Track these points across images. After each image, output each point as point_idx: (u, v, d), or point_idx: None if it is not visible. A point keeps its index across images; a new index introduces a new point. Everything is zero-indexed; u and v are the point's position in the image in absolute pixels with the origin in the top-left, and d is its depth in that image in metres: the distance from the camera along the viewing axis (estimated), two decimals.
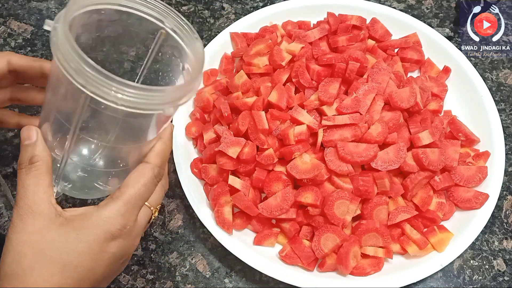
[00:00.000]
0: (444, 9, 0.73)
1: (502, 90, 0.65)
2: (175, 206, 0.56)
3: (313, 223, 0.49)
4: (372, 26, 0.63)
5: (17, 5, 0.71)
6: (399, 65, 0.60)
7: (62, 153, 0.38)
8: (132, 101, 0.32)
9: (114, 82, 0.31)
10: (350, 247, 0.47)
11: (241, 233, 0.52)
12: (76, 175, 0.42)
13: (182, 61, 0.41)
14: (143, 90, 0.32)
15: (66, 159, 0.39)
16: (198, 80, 0.37)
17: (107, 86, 0.31)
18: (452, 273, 0.52)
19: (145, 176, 0.36)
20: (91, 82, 0.31)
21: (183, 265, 0.52)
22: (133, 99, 0.32)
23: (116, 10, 0.38)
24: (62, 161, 0.39)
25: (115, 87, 0.31)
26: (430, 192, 0.51)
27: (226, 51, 0.63)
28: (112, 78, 0.31)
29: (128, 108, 0.32)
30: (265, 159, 0.50)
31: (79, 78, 0.31)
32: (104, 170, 0.42)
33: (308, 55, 0.57)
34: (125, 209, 0.34)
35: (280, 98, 0.53)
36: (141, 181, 0.35)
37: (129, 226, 0.35)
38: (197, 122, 0.57)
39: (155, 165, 0.37)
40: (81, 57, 0.31)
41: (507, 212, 0.56)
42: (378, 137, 0.50)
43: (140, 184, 0.35)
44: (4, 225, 0.53)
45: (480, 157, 0.54)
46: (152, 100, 0.32)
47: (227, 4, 0.73)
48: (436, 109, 0.57)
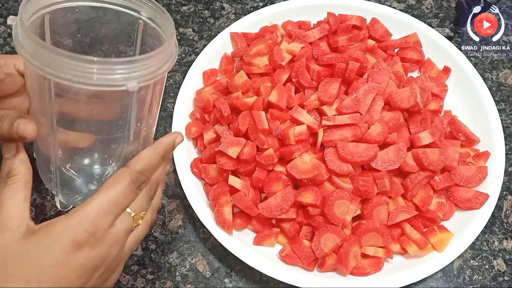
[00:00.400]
0: (444, 9, 0.73)
1: (502, 90, 0.65)
2: (175, 206, 0.56)
3: (313, 223, 0.49)
4: (372, 26, 0.63)
5: (17, 5, 0.71)
6: (399, 65, 0.60)
7: (52, 155, 0.37)
8: (89, 77, 0.30)
9: (66, 58, 0.30)
10: (350, 247, 0.47)
11: (241, 233, 0.52)
12: (75, 183, 0.41)
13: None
14: (100, 63, 0.30)
15: (54, 159, 0.38)
16: (162, 53, 0.34)
17: (61, 64, 0.30)
18: (452, 273, 0.52)
19: (121, 181, 0.33)
20: (46, 63, 0.30)
21: (183, 265, 0.52)
22: (89, 75, 0.30)
23: (91, 6, 0.37)
24: (52, 163, 0.38)
25: (68, 63, 0.30)
26: (430, 192, 0.51)
27: (226, 51, 0.63)
28: (65, 54, 0.30)
29: (86, 85, 0.30)
30: (265, 159, 0.50)
31: (35, 61, 0.30)
32: (99, 170, 0.41)
33: (308, 55, 0.57)
34: (95, 215, 0.32)
35: (280, 98, 0.53)
36: (116, 186, 0.33)
37: (100, 234, 0.32)
38: (197, 122, 0.57)
39: (133, 169, 0.34)
40: (34, 39, 0.30)
41: (507, 212, 0.56)
42: (378, 137, 0.50)
43: (115, 189, 0.33)
44: None
45: (480, 157, 0.54)
46: (111, 74, 0.30)
47: (227, 4, 0.73)
48: (436, 109, 0.57)
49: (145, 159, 0.35)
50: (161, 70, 0.34)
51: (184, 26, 0.71)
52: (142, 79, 0.32)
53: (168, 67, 0.35)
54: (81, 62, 0.30)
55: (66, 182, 0.41)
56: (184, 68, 0.66)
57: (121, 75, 0.31)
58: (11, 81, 0.42)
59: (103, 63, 0.30)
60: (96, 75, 0.30)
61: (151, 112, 0.39)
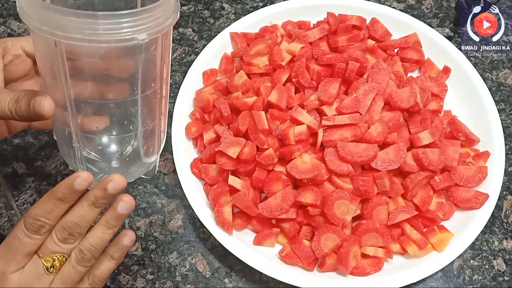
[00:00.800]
0: (444, 9, 0.73)
1: (502, 90, 0.65)
2: (175, 206, 0.56)
3: (313, 223, 0.49)
4: (372, 26, 0.63)
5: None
6: (399, 65, 0.60)
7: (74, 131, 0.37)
8: (99, 33, 0.30)
9: (74, 16, 0.30)
10: (350, 247, 0.47)
11: (241, 233, 0.52)
12: (97, 164, 0.41)
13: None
14: (107, 17, 0.30)
15: (76, 137, 0.38)
16: (166, 4, 0.34)
17: (70, 23, 0.30)
18: (452, 273, 0.52)
19: (15, 229, 0.35)
20: (54, 26, 0.30)
21: (183, 265, 0.52)
22: (99, 32, 0.30)
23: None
24: (74, 140, 0.38)
25: (77, 21, 0.30)
26: (430, 192, 0.51)
27: (226, 51, 0.63)
28: (72, 13, 0.30)
29: (97, 43, 0.30)
30: (265, 159, 0.50)
31: (44, 26, 0.30)
32: (119, 138, 0.42)
33: (308, 55, 0.57)
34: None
35: (280, 98, 0.53)
36: (11, 234, 0.35)
37: (3, 278, 0.34)
38: (197, 122, 0.57)
39: (27, 216, 0.35)
40: (38, 3, 0.30)
41: (507, 212, 0.56)
42: (378, 137, 0.50)
43: (9, 237, 0.35)
44: (3, 225, 0.53)
45: (480, 157, 0.54)
46: (120, 28, 0.30)
47: (227, 4, 0.73)
48: (436, 109, 0.57)
49: (39, 203, 0.35)
50: (167, 22, 0.34)
51: (184, 26, 0.71)
52: (151, 31, 0.33)
53: (173, 20, 0.35)
54: (89, 18, 0.30)
55: (89, 160, 0.41)
56: (184, 68, 0.66)
57: (129, 28, 0.31)
58: (19, 62, 0.42)
59: (111, 17, 0.30)
60: (105, 31, 0.30)
61: (162, 73, 0.39)
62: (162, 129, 0.44)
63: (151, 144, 0.43)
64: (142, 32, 0.32)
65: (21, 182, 0.57)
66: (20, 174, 0.57)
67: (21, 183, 0.57)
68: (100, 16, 0.30)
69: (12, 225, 0.53)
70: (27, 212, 0.35)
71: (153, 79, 0.39)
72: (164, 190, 0.57)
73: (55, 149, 0.59)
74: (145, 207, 0.55)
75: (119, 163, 0.42)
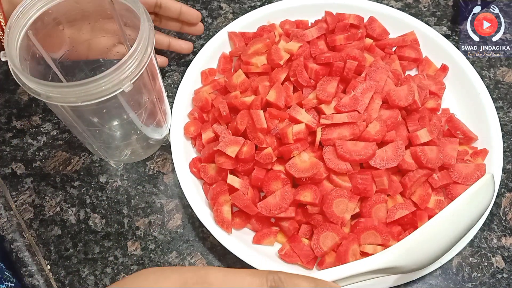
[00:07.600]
0: (442, 8, 0.73)
1: (500, 88, 0.65)
2: (174, 206, 0.56)
3: (312, 222, 0.50)
4: (370, 25, 0.63)
5: None
6: (397, 63, 0.60)
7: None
8: (87, 95, 0.36)
9: (63, 88, 0.35)
10: (349, 245, 0.47)
11: (240, 232, 0.52)
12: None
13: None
14: (88, 83, 0.35)
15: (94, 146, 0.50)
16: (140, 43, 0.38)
17: (65, 94, 0.35)
18: (451, 270, 0.52)
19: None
20: (49, 97, 0.36)
21: (182, 264, 0.52)
22: (84, 95, 0.35)
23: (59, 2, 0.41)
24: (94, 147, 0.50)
25: (69, 91, 0.35)
26: (428, 190, 0.51)
27: (224, 50, 0.63)
28: (63, 85, 0.35)
29: (87, 101, 0.36)
30: (264, 158, 0.50)
31: (40, 96, 0.36)
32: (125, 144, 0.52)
33: (306, 54, 0.57)
34: None
35: (278, 97, 0.53)
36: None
37: None
38: (195, 121, 0.57)
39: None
40: (32, 80, 0.35)
41: (505, 209, 0.56)
42: (376, 136, 0.50)
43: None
44: (2, 226, 0.53)
45: (478, 155, 0.54)
46: (99, 88, 0.36)
47: (225, 4, 0.73)
48: (434, 107, 0.57)
49: None
50: (146, 55, 0.38)
51: None
52: (134, 75, 0.38)
53: (151, 49, 0.40)
54: (76, 86, 0.35)
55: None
56: (182, 67, 0.66)
57: (112, 83, 0.36)
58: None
59: (93, 81, 0.35)
60: (89, 91, 0.36)
61: (154, 86, 0.45)
62: (163, 109, 0.53)
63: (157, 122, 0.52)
64: (126, 82, 0.37)
65: (20, 183, 0.57)
66: (19, 174, 0.57)
67: (20, 184, 0.57)
68: (85, 83, 0.35)
69: (11, 226, 0.53)
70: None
71: (148, 91, 0.46)
72: (163, 190, 0.57)
73: (54, 149, 0.59)
74: (144, 207, 0.55)
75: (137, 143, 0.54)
